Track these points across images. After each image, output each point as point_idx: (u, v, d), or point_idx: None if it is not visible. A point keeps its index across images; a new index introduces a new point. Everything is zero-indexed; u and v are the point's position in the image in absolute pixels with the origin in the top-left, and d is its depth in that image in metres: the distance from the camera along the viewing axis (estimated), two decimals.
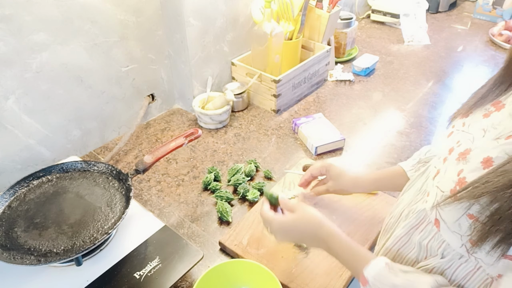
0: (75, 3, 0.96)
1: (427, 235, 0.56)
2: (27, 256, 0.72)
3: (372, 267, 0.55)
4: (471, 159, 0.48)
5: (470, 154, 0.49)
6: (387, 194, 0.99)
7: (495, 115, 0.51)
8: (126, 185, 0.86)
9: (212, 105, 1.24)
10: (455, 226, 0.49)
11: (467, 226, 0.47)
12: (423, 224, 0.57)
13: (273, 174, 1.07)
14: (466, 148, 0.50)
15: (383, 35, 1.90)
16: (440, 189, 0.52)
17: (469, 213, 0.46)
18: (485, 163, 0.46)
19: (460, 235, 0.49)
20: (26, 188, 0.87)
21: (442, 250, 0.53)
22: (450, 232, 0.50)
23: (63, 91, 1.03)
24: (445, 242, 0.52)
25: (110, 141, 1.21)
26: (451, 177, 0.50)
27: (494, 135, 0.48)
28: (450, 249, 0.52)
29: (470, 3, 2.27)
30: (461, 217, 0.47)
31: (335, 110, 1.35)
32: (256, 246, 0.86)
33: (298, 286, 0.78)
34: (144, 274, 0.75)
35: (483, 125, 0.51)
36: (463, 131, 0.54)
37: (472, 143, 0.50)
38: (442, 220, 0.51)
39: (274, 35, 1.26)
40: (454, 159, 0.51)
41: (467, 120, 0.55)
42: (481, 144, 0.49)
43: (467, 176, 0.47)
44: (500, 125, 0.48)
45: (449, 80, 1.53)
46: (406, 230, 0.60)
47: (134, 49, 1.15)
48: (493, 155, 0.45)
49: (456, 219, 0.48)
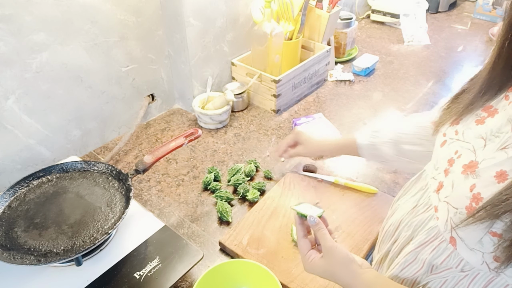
0: (75, 3, 0.96)
1: (440, 254, 0.53)
2: (27, 256, 0.72)
3: None
4: (481, 173, 0.46)
5: (479, 168, 0.47)
6: (387, 194, 0.99)
7: (489, 121, 0.49)
8: (126, 185, 0.86)
9: (212, 105, 1.24)
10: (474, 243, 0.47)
11: (490, 243, 0.45)
12: (435, 242, 0.54)
13: (273, 174, 1.07)
14: (470, 160, 0.49)
15: (383, 35, 1.90)
16: (452, 205, 0.50)
17: (492, 230, 0.45)
18: (499, 177, 0.45)
19: (481, 253, 0.47)
20: (26, 188, 0.87)
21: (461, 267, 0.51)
22: (469, 250, 0.48)
23: (63, 91, 1.03)
24: (464, 260, 0.50)
25: (110, 141, 1.21)
26: (463, 193, 0.48)
27: (499, 144, 0.46)
28: (469, 266, 0.50)
29: (470, 3, 2.27)
30: (483, 235, 0.46)
31: (335, 110, 1.35)
32: (256, 246, 0.86)
33: (298, 286, 0.78)
34: (144, 274, 0.75)
35: (480, 133, 0.49)
36: (458, 139, 0.52)
37: (475, 154, 0.48)
38: (459, 238, 0.49)
39: (274, 35, 1.26)
40: (459, 173, 0.49)
41: (459, 127, 0.53)
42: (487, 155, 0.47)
43: (481, 191, 0.46)
44: (501, 132, 0.47)
45: (449, 80, 1.53)
46: (414, 247, 0.57)
47: (134, 49, 1.15)
48: (507, 169, 0.44)
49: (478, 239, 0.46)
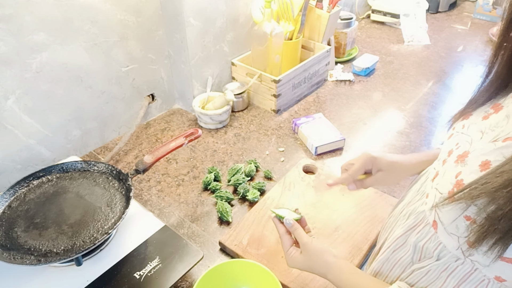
0: (75, 3, 0.96)
1: (424, 237, 0.56)
2: (27, 256, 0.72)
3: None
4: (469, 162, 0.48)
5: (468, 157, 0.49)
6: (387, 194, 0.99)
7: (493, 117, 0.51)
8: (126, 185, 0.86)
9: (212, 105, 1.24)
10: (452, 228, 0.49)
11: (464, 227, 0.47)
12: (421, 225, 0.57)
13: (273, 174, 1.07)
14: (464, 150, 0.50)
15: (383, 35, 1.90)
16: (439, 191, 0.53)
17: (466, 214, 0.46)
18: (482, 166, 0.46)
19: (457, 237, 0.49)
20: (26, 188, 0.87)
21: (438, 252, 0.53)
22: (447, 234, 0.51)
23: (63, 91, 1.03)
24: (442, 244, 0.52)
25: (110, 141, 1.21)
26: (449, 179, 0.50)
27: (492, 137, 0.48)
28: (446, 251, 0.52)
29: (470, 3, 2.27)
30: (457, 218, 0.48)
31: (335, 110, 1.35)
32: (256, 246, 0.86)
33: (298, 286, 0.78)
34: (144, 274, 0.75)
35: (482, 127, 0.51)
36: (462, 133, 0.54)
37: (470, 146, 0.50)
38: (440, 222, 0.52)
39: (274, 35, 1.26)
40: (452, 162, 0.51)
41: (467, 122, 0.55)
42: (478, 146, 0.49)
43: (464, 178, 0.48)
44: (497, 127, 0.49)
45: (449, 80, 1.53)
46: (403, 231, 0.60)
47: (134, 49, 1.15)
48: (491, 159, 0.46)
49: (452, 220, 0.49)
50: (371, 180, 0.78)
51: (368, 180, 0.78)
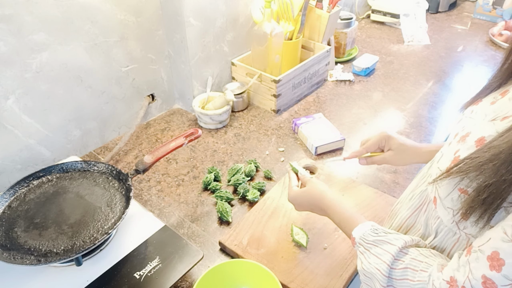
0: (75, 3, 0.96)
1: (430, 214, 0.58)
2: (27, 256, 0.72)
3: (359, 228, 0.61)
4: (467, 140, 0.51)
5: (469, 136, 0.51)
6: (387, 194, 0.99)
7: (499, 102, 0.53)
8: (126, 185, 0.86)
9: (212, 105, 1.24)
10: (448, 201, 0.52)
11: (458, 200, 0.50)
12: (426, 203, 0.59)
13: (273, 174, 1.07)
14: (467, 131, 0.53)
15: (383, 35, 1.90)
16: (440, 169, 0.55)
17: (460, 187, 0.49)
18: (478, 142, 0.49)
19: (452, 210, 0.51)
20: (26, 188, 0.87)
21: (436, 227, 0.55)
22: (444, 208, 0.53)
23: (63, 91, 1.03)
24: (439, 219, 0.55)
25: (110, 141, 1.21)
26: (448, 156, 0.53)
27: (492, 117, 0.50)
28: (442, 226, 0.54)
29: (470, 3, 2.27)
30: (452, 191, 0.50)
31: (335, 110, 1.35)
32: (256, 246, 0.86)
33: (298, 286, 0.78)
34: (144, 274, 0.75)
35: (487, 111, 0.53)
36: (470, 117, 0.56)
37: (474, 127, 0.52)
38: (438, 197, 0.54)
39: (274, 35, 1.26)
40: (456, 142, 0.54)
41: (476, 107, 0.57)
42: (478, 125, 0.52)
43: (461, 154, 0.50)
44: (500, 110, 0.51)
45: (449, 80, 1.53)
46: (411, 211, 0.62)
47: (134, 49, 1.15)
48: (486, 134, 0.48)
49: (448, 193, 0.51)
50: (380, 158, 0.84)
51: (377, 158, 0.85)
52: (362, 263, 0.58)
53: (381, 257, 0.54)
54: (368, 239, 0.58)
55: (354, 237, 0.60)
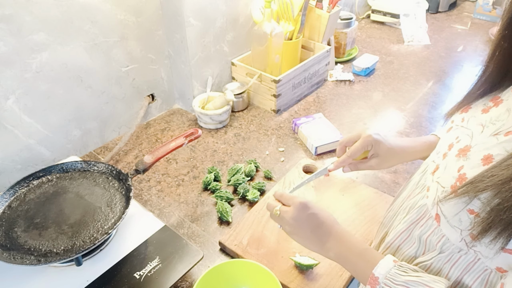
0: (75, 3, 0.96)
1: (427, 230, 0.56)
2: (27, 256, 0.72)
3: (382, 266, 0.54)
4: (471, 156, 0.49)
5: (470, 151, 0.49)
6: (387, 194, 0.99)
7: (493, 111, 0.51)
8: (126, 185, 0.86)
9: (212, 105, 1.24)
10: (455, 221, 0.50)
11: (467, 221, 0.48)
12: (424, 219, 0.57)
13: (273, 174, 1.07)
14: (466, 144, 0.51)
15: (383, 35, 1.90)
16: (441, 184, 0.53)
17: (469, 208, 0.47)
18: (485, 160, 0.47)
19: (460, 230, 0.49)
20: (26, 188, 0.87)
21: (441, 244, 0.53)
22: (450, 227, 0.51)
23: (63, 91, 1.03)
24: (445, 237, 0.53)
25: (110, 141, 1.21)
26: (451, 173, 0.51)
27: (493, 130, 0.49)
28: (449, 244, 0.52)
29: (470, 3, 2.27)
30: (461, 211, 0.48)
31: (335, 110, 1.35)
32: (256, 246, 0.86)
33: (298, 286, 0.78)
34: (144, 274, 0.75)
35: (482, 121, 0.51)
36: (462, 126, 0.54)
37: (471, 140, 0.51)
38: (442, 215, 0.52)
39: (274, 35, 1.26)
40: (454, 155, 0.52)
41: (467, 115, 0.55)
42: (480, 140, 0.49)
43: (467, 172, 0.48)
44: (498, 120, 0.49)
45: (449, 80, 1.53)
46: (406, 225, 0.60)
47: (134, 49, 1.15)
48: (494, 153, 0.46)
49: (455, 213, 0.49)
50: (365, 165, 0.77)
51: (362, 165, 0.77)
52: None
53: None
54: (397, 280, 0.52)
55: (378, 277, 0.54)
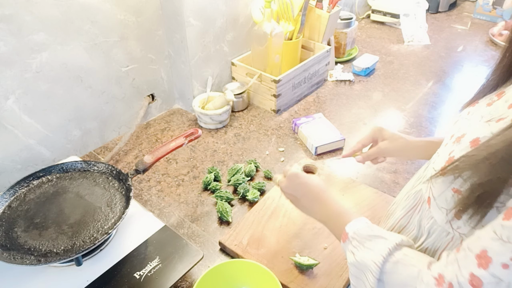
0: (75, 3, 0.96)
1: (422, 213, 0.58)
2: (27, 256, 0.72)
3: (354, 223, 0.60)
4: (462, 141, 0.51)
5: (464, 137, 0.52)
6: (387, 194, 0.99)
7: (495, 104, 0.53)
8: (126, 185, 0.86)
9: (212, 105, 1.24)
10: (441, 200, 0.52)
11: (452, 200, 0.50)
12: (420, 204, 0.60)
13: (273, 174, 1.07)
14: (463, 132, 0.53)
15: (383, 35, 1.90)
16: (435, 169, 0.56)
17: (453, 187, 0.49)
18: (472, 143, 0.49)
19: (446, 210, 0.52)
20: (26, 188, 0.87)
21: (429, 227, 0.56)
22: (438, 208, 0.53)
23: (63, 91, 1.03)
24: (433, 219, 0.55)
25: (110, 141, 1.21)
26: (443, 157, 0.54)
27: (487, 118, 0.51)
28: (436, 226, 0.54)
29: (470, 3, 2.27)
30: (446, 190, 0.51)
31: (335, 110, 1.35)
32: (256, 246, 0.86)
33: (298, 286, 0.78)
34: (144, 274, 0.75)
35: (483, 113, 0.53)
36: (466, 118, 0.56)
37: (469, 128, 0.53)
38: (432, 197, 0.54)
39: (274, 35, 1.26)
40: (451, 143, 0.54)
41: (473, 109, 0.57)
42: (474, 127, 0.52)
43: (455, 155, 0.51)
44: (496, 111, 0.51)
45: (449, 80, 1.53)
46: (405, 211, 0.62)
47: (134, 49, 1.15)
48: (481, 135, 0.48)
49: (441, 192, 0.52)
50: (375, 149, 0.85)
51: (372, 150, 0.85)
52: (355, 255, 0.57)
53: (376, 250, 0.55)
54: (363, 233, 0.58)
55: (348, 232, 0.60)
